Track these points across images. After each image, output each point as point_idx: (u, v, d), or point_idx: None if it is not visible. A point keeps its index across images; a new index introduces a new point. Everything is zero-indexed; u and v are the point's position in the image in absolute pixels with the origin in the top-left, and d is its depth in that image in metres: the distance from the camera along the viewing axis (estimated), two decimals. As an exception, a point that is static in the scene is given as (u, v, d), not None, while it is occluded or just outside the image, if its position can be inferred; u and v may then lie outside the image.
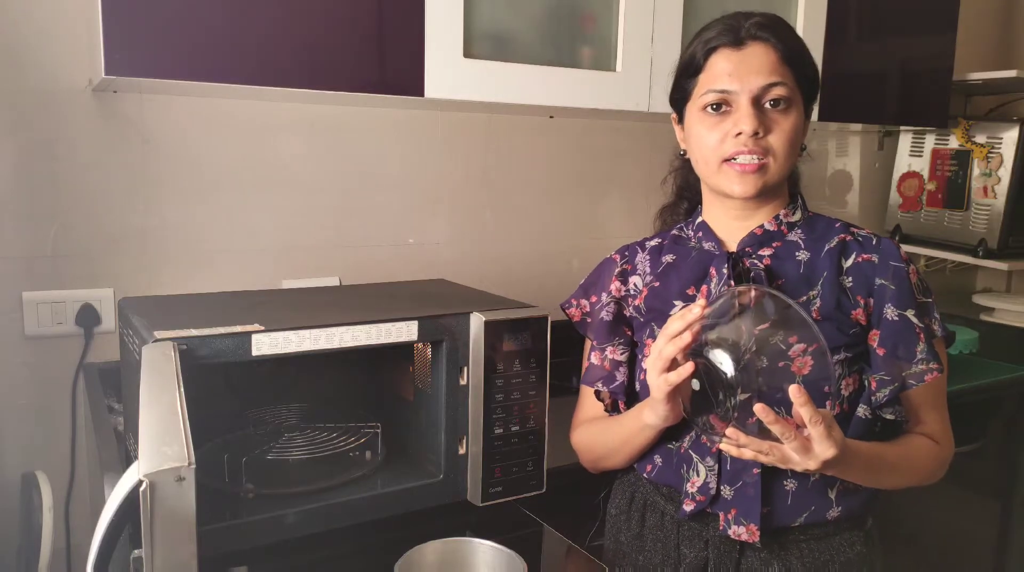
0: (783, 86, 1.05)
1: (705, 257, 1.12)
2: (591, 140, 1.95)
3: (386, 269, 1.72)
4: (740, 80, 1.04)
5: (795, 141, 1.07)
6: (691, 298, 1.10)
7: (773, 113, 1.05)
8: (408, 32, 1.36)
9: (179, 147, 1.52)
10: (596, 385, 1.16)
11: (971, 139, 2.27)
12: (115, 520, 0.70)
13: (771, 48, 1.05)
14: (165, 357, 0.84)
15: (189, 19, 1.20)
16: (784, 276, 1.08)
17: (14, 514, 1.44)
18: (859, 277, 1.07)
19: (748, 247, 1.11)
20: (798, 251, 1.10)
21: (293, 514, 1.00)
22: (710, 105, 1.06)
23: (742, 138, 1.04)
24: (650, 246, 1.21)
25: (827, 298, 1.06)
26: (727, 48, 1.06)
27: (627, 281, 1.19)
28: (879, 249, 1.09)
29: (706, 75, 1.07)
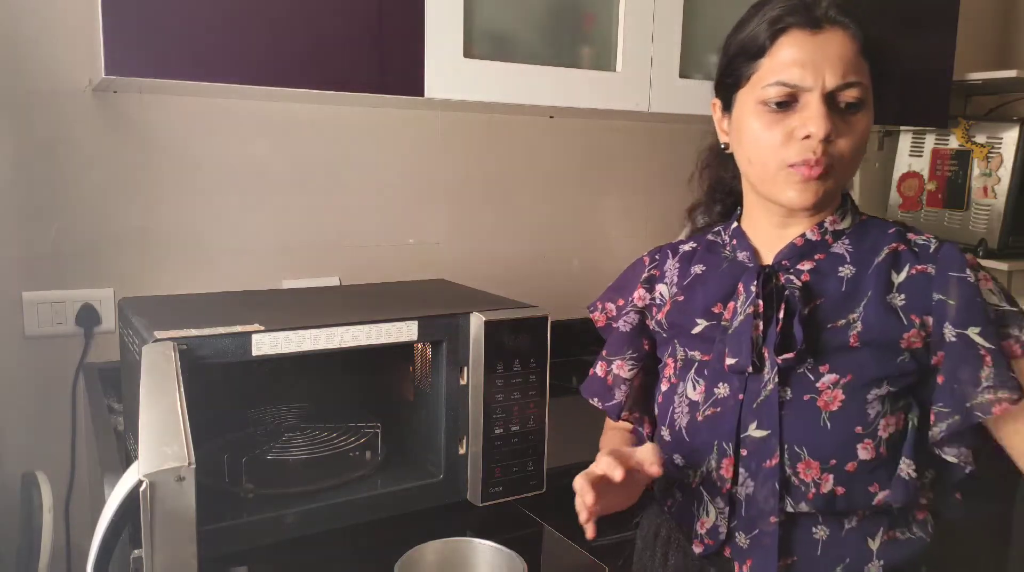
0: (860, 86, 0.89)
1: (736, 270, 0.99)
2: (591, 140, 1.95)
3: (386, 269, 1.72)
4: (815, 73, 0.88)
5: (863, 145, 0.92)
6: (716, 317, 0.98)
7: (845, 114, 0.90)
8: (408, 32, 1.36)
9: (179, 147, 1.52)
10: (592, 399, 1.09)
11: (971, 139, 2.27)
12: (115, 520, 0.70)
13: (851, 37, 0.89)
14: (165, 357, 0.84)
15: (189, 19, 1.20)
16: (823, 295, 0.93)
17: (14, 514, 1.44)
18: (913, 293, 0.91)
19: (785, 260, 0.96)
20: (842, 265, 0.94)
21: (293, 514, 1.00)
22: (774, 100, 0.90)
23: (810, 143, 0.89)
24: (683, 251, 1.08)
25: (869, 321, 0.90)
26: (801, 30, 0.89)
27: (653, 289, 1.07)
28: (936, 258, 0.92)
29: (772, 61, 0.90)
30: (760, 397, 0.92)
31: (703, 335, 0.99)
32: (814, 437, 0.89)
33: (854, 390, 0.89)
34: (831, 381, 0.90)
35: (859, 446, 0.88)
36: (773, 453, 0.90)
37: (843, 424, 0.89)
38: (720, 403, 0.95)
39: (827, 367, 0.90)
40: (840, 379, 0.89)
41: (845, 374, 0.89)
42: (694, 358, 0.99)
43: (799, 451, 0.90)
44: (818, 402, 0.89)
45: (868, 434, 0.89)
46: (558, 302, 1.28)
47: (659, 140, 2.03)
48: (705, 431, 0.95)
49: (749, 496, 0.92)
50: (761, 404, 0.91)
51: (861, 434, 0.88)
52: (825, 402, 0.89)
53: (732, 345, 0.94)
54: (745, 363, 0.92)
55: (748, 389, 0.93)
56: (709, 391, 0.96)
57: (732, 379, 0.94)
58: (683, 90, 1.64)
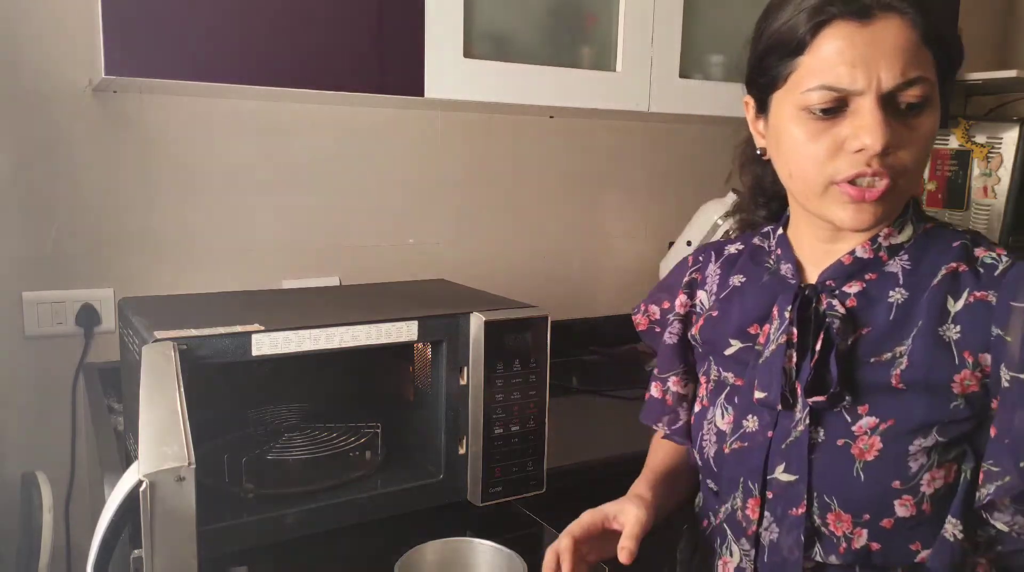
0: (923, 83, 0.74)
1: (776, 286, 0.88)
2: (591, 140, 1.95)
3: (386, 269, 1.72)
4: (867, 73, 0.73)
5: (930, 150, 0.78)
6: (751, 338, 0.87)
7: (907, 117, 0.75)
8: (408, 32, 1.36)
9: (179, 147, 1.52)
10: (658, 426, 0.99)
11: (971, 139, 2.27)
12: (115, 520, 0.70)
13: (909, 24, 0.74)
14: (165, 357, 0.84)
15: (189, 19, 1.20)
16: (871, 323, 0.80)
17: (14, 514, 1.44)
18: (971, 325, 0.76)
19: (831, 280, 0.84)
20: (894, 288, 0.81)
21: (293, 514, 1.00)
22: (819, 107, 0.76)
23: (864, 155, 0.75)
24: (727, 254, 0.97)
25: (916, 358, 0.77)
26: (848, 21, 0.74)
27: (694, 294, 0.98)
28: (1000, 283, 0.76)
29: (814, 59, 0.76)
30: (790, 437, 0.82)
31: (736, 358, 0.89)
32: (846, 488, 0.79)
33: (895, 438, 0.77)
34: (869, 425, 0.78)
35: (896, 502, 0.77)
36: (800, 501, 0.81)
37: (878, 477, 0.77)
38: (748, 438, 0.86)
39: (866, 408, 0.79)
40: (880, 424, 0.77)
41: (886, 419, 0.77)
42: (726, 381, 0.91)
43: (829, 501, 0.80)
44: (852, 449, 0.78)
45: (908, 490, 0.76)
46: (558, 302, 1.28)
47: (659, 140, 2.03)
48: (732, 466, 0.88)
49: (773, 543, 0.84)
50: (790, 445, 0.82)
51: (899, 489, 0.77)
52: (860, 450, 0.78)
53: (762, 377, 0.84)
54: (774, 399, 0.82)
55: (779, 426, 0.83)
56: (737, 422, 0.87)
57: (762, 412, 0.85)
58: (683, 90, 1.64)
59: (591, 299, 2.00)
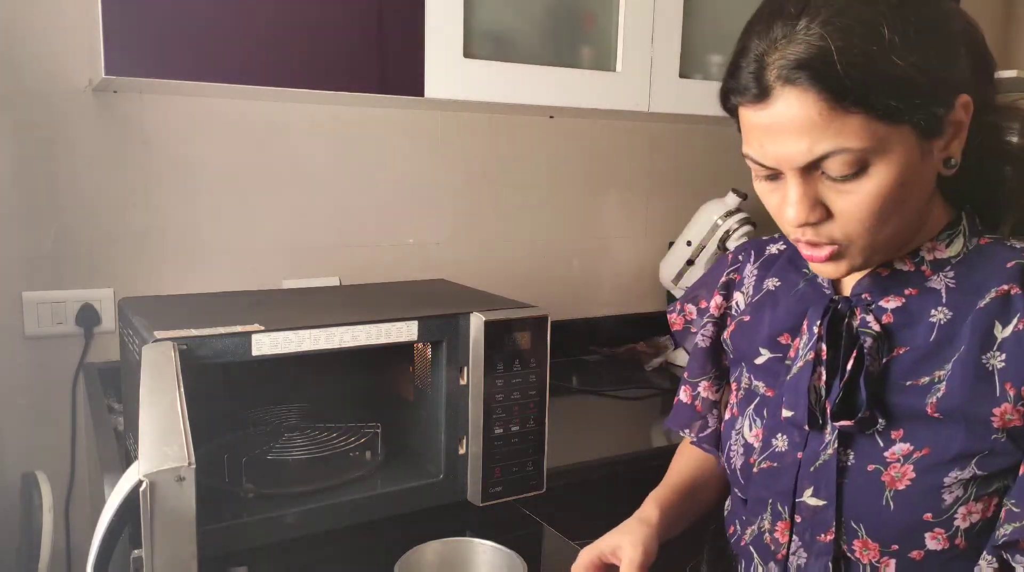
0: (842, 152, 0.67)
1: (810, 295, 0.83)
2: (591, 140, 1.95)
3: (386, 269, 1.72)
4: (776, 153, 0.70)
5: (884, 207, 0.69)
6: (783, 349, 0.83)
7: (839, 183, 0.69)
8: (408, 32, 1.36)
9: (179, 147, 1.52)
10: (685, 432, 0.96)
11: (971, 139, 2.27)
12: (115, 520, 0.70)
13: (813, 97, 0.66)
14: (165, 357, 0.84)
15: (189, 19, 1.20)
16: (909, 343, 0.75)
17: (14, 514, 1.44)
18: (1017, 355, 0.70)
19: (867, 293, 0.78)
20: (936, 307, 0.75)
21: (293, 514, 1.00)
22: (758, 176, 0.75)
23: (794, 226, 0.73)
24: (767, 254, 0.91)
25: (954, 385, 0.71)
26: (749, 106, 0.70)
27: (731, 296, 0.93)
28: None
29: (741, 129, 0.75)
30: (819, 460, 0.78)
31: (766, 368, 0.85)
32: (874, 516, 0.75)
33: (929, 469, 0.72)
34: (903, 452, 0.73)
35: (928, 535, 0.73)
36: (829, 527, 0.77)
37: (909, 507, 0.73)
38: (777, 458, 0.82)
39: (900, 434, 0.74)
40: (914, 452, 0.73)
41: (921, 447, 0.73)
42: (757, 390, 0.86)
43: (856, 527, 0.76)
44: (883, 476, 0.74)
45: (940, 523, 0.72)
46: (558, 302, 1.28)
47: (659, 140, 2.03)
48: (760, 486, 0.84)
49: (801, 568, 0.80)
50: (819, 468, 0.78)
51: (931, 522, 0.72)
52: (892, 478, 0.73)
53: (788, 395, 0.80)
54: (801, 419, 0.78)
55: (808, 447, 0.79)
56: (767, 440, 0.83)
57: (792, 432, 0.81)
58: (683, 90, 1.64)
59: (591, 299, 2.00)
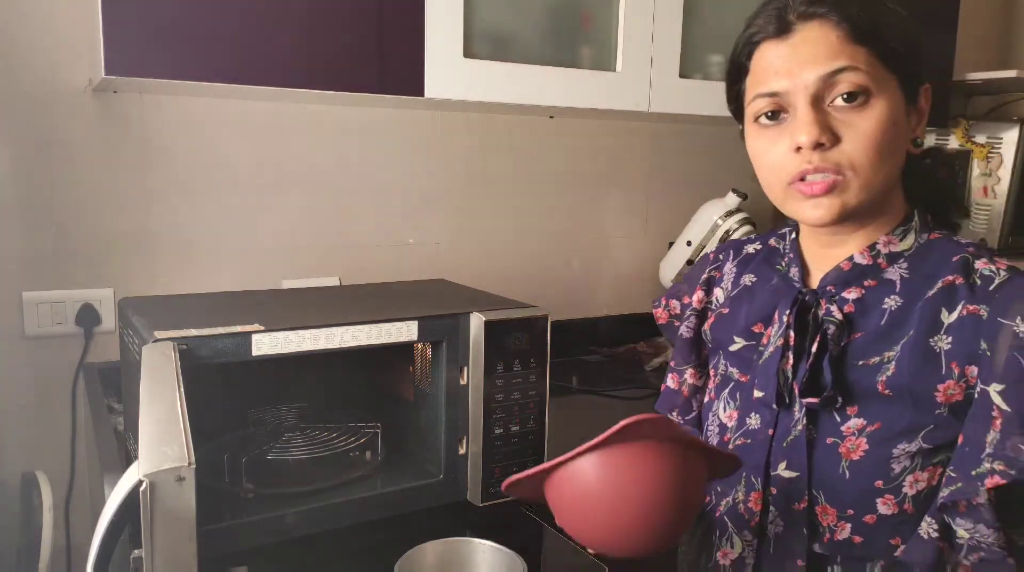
0: (853, 70, 0.78)
1: (782, 289, 0.92)
2: (591, 140, 1.95)
3: (386, 269, 1.72)
4: (791, 76, 0.80)
5: (884, 142, 0.79)
6: (756, 337, 0.93)
7: (846, 111, 0.79)
8: (408, 32, 1.36)
9: (179, 147, 1.52)
10: (673, 414, 1.05)
11: (971, 139, 2.27)
12: (115, 520, 0.70)
13: (831, 26, 0.79)
14: (165, 357, 0.84)
15: (189, 19, 1.20)
16: (864, 328, 0.84)
17: (14, 514, 1.44)
18: (961, 338, 0.79)
19: (831, 285, 0.87)
20: (889, 297, 0.84)
21: (293, 514, 1.00)
22: (763, 114, 0.84)
23: (804, 153, 0.80)
24: (745, 253, 1.01)
25: (903, 365, 0.80)
26: (770, 41, 0.82)
27: (711, 291, 1.03)
28: (994, 297, 0.78)
29: (752, 77, 0.85)
30: (790, 436, 0.86)
31: (741, 354, 0.94)
32: (833, 484, 0.84)
33: (880, 441, 0.81)
34: (857, 427, 0.82)
35: (879, 500, 0.82)
36: (802, 496, 0.85)
37: (862, 476, 0.82)
38: (751, 435, 0.91)
39: (855, 410, 0.83)
40: (867, 426, 0.82)
41: (873, 422, 0.82)
42: (731, 376, 0.95)
43: (817, 494, 0.85)
44: (840, 448, 0.83)
45: (890, 490, 0.81)
46: (558, 302, 1.28)
47: (659, 140, 2.03)
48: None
49: (778, 535, 0.87)
50: (791, 444, 0.86)
51: (881, 489, 0.81)
52: (847, 449, 0.83)
53: (760, 377, 0.89)
54: (770, 399, 0.87)
55: (779, 425, 0.88)
56: (741, 419, 0.92)
57: (763, 411, 0.90)
58: (683, 90, 1.64)
59: (591, 299, 2.00)
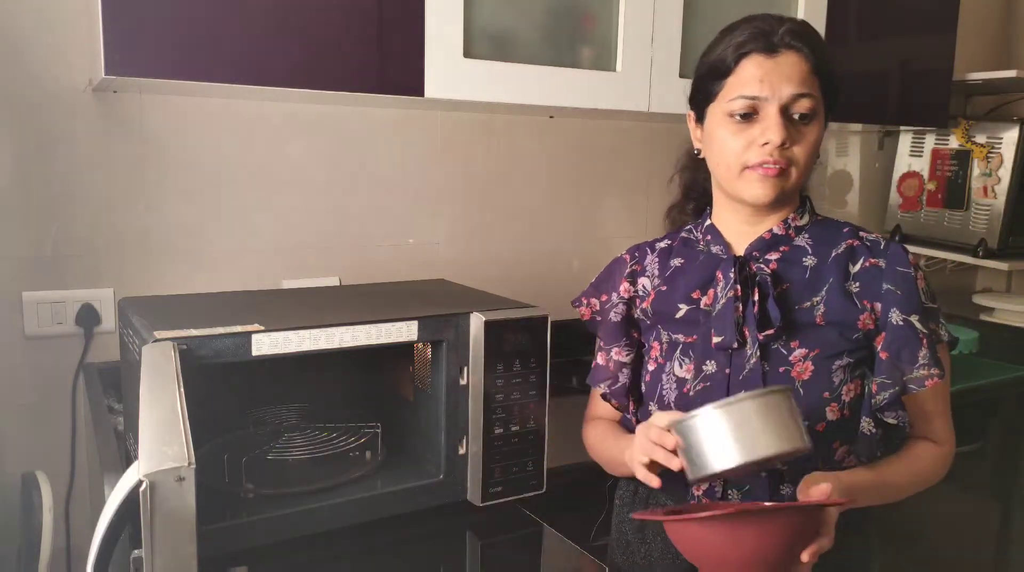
0: (811, 98, 1.03)
1: (712, 261, 1.12)
2: (591, 140, 1.95)
3: (386, 269, 1.72)
4: (772, 88, 1.02)
5: (815, 150, 1.06)
6: (696, 302, 1.11)
7: (799, 124, 1.04)
8: (408, 32, 1.36)
9: (179, 147, 1.52)
10: (600, 386, 1.17)
11: (971, 139, 2.27)
12: (115, 520, 0.70)
13: (803, 58, 1.04)
14: (165, 357, 0.84)
15: (189, 19, 1.20)
16: (789, 281, 1.08)
17: (14, 514, 1.44)
18: (866, 282, 1.07)
19: (756, 251, 1.10)
20: (805, 257, 1.09)
21: (293, 514, 1.00)
22: (738, 112, 1.04)
23: (768, 148, 1.03)
24: (659, 247, 1.20)
25: (831, 304, 1.06)
26: (760, 54, 1.03)
27: (636, 282, 1.18)
28: (887, 254, 1.08)
29: (736, 79, 1.05)
30: (745, 370, 1.05)
31: (685, 319, 1.11)
32: None
33: (821, 361, 1.04)
34: (802, 355, 1.05)
35: (827, 409, 1.04)
36: None
37: (814, 391, 1.04)
38: (709, 378, 1.08)
39: (797, 343, 1.05)
40: (809, 353, 1.05)
41: (813, 349, 1.05)
42: (678, 341, 1.12)
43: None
44: (792, 373, 1.05)
45: (834, 398, 1.04)
46: (558, 302, 1.28)
47: (659, 140, 2.03)
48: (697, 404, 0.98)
49: None
50: (747, 376, 1.05)
51: (828, 398, 1.04)
52: (798, 373, 1.04)
53: (717, 326, 1.07)
54: (731, 340, 1.05)
55: (733, 364, 1.06)
56: (698, 368, 1.08)
57: (718, 356, 1.07)
58: (683, 90, 1.63)
59: (591, 299, 2.00)
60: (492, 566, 1.10)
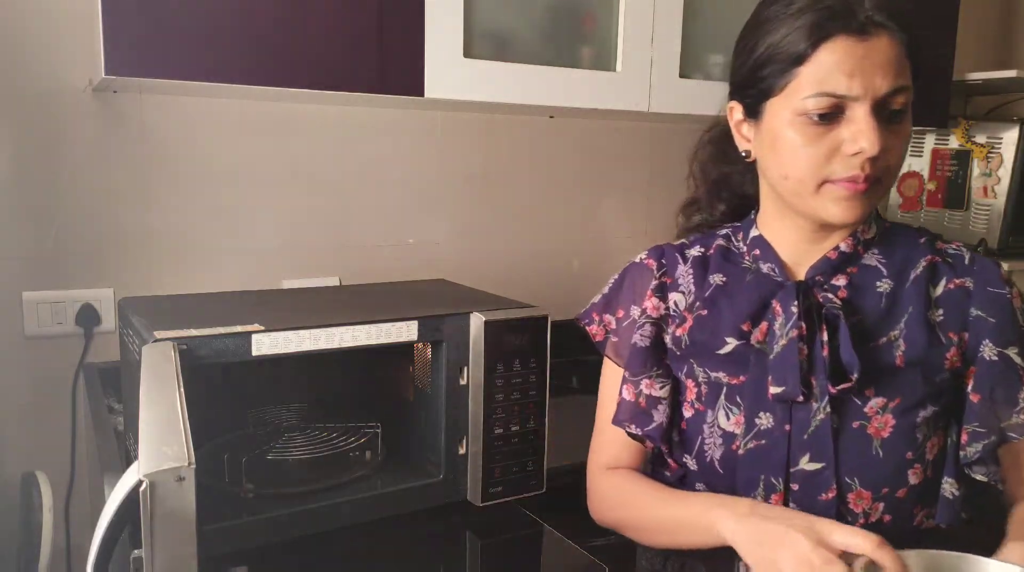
0: (907, 91, 0.83)
1: (764, 284, 0.92)
2: (591, 140, 1.95)
3: (386, 269, 1.71)
4: (864, 83, 0.80)
5: (905, 151, 0.86)
6: (746, 336, 0.90)
7: (891, 123, 0.83)
8: (408, 32, 1.36)
9: (179, 147, 1.52)
10: (627, 426, 0.98)
11: (971, 139, 2.27)
12: (115, 520, 0.70)
13: (895, 40, 0.82)
14: (165, 357, 0.84)
15: (189, 19, 1.20)
16: (861, 311, 0.88)
17: (14, 514, 1.44)
18: (951, 309, 0.88)
19: (820, 275, 0.90)
20: (879, 280, 0.89)
21: (293, 514, 1.00)
22: (817, 112, 0.82)
23: (859, 159, 0.81)
24: (691, 255, 0.99)
25: (914, 340, 0.86)
26: (847, 37, 0.80)
27: (666, 298, 0.98)
28: (974, 271, 0.89)
29: (813, 70, 0.81)
30: (811, 427, 0.86)
31: (732, 356, 0.91)
32: (867, 467, 0.85)
33: (903, 413, 0.86)
34: (879, 405, 0.85)
35: (910, 472, 0.86)
36: (829, 486, 0.86)
37: (895, 451, 0.85)
38: (764, 435, 0.89)
39: (873, 391, 0.86)
40: (888, 403, 0.85)
41: (893, 397, 0.86)
42: (720, 382, 0.92)
43: (850, 481, 0.85)
44: (868, 429, 0.86)
45: (917, 459, 0.86)
46: (558, 302, 1.28)
47: (659, 140, 2.03)
48: (748, 465, 0.89)
49: None
50: (813, 435, 0.86)
51: (912, 459, 0.86)
52: (876, 429, 0.86)
53: (776, 372, 0.87)
54: (794, 392, 0.85)
55: (795, 419, 0.87)
56: (749, 422, 0.89)
57: (775, 408, 0.88)
58: (683, 90, 1.64)
59: (591, 299, 1.99)
60: (492, 566, 1.10)
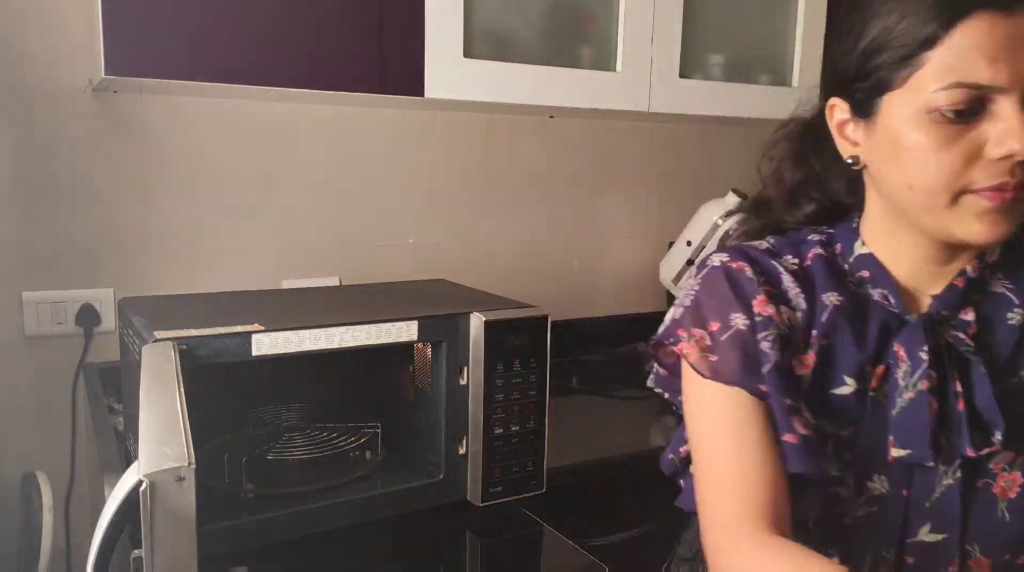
0: None
1: (880, 317, 0.75)
2: (591, 140, 1.95)
3: (386, 269, 1.72)
4: (1012, 68, 0.65)
5: None
6: (867, 378, 0.74)
7: None
8: (408, 32, 1.36)
9: (179, 147, 1.52)
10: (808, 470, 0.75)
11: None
12: (115, 520, 0.70)
13: None
14: (165, 357, 0.84)
15: (189, 19, 1.20)
16: (993, 348, 0.73)
17: (14, 514, 1.44)
18: None
19: (945, 309, 0.74)
20: (1010, 310, 0.74)
21: (293, 514, 1.00)
22: (952, 108, 0.67)
23: (1007, 164, 0.66)
24: (790, 266, 0.79)
25: None
26: (990, 12, 0.65)
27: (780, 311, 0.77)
28: None
29: (947, 54, 0.66)
30: (935, 493, 0.73)
31: (846, 401, 0.75)
32: (990, 532, 0.73)
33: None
34: (1007, 460, 0.72)
35: None
36: (951, 559, 0.74)
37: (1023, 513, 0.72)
38: (877, 502, 0.75)
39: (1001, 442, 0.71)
40: (1017, 457, 0.72)
41: (1022, 450, 0.72)
42: (823, 430, 0.75)
43: (970, 548, 0.73)
44: (994, 488, 0.72)
45: None
46: (558, 302, 1.28)
47: (659, 140, 2.03)
48: (857, 537, 0.76)
49: None
50: (937, 502, 0.73)
51: None
52: (1002, 488, 0.72)
53: (900, 431, 0.72)
54: (924, 456, 0.71)
55: (915, 482, 0.74)
56: (859, 485, 0.75)
57: (892, 470, 0.74)
58: (683, 90, 1.64)
59: (591, 299, 2.00)
60: (492, 566, 1.10)
